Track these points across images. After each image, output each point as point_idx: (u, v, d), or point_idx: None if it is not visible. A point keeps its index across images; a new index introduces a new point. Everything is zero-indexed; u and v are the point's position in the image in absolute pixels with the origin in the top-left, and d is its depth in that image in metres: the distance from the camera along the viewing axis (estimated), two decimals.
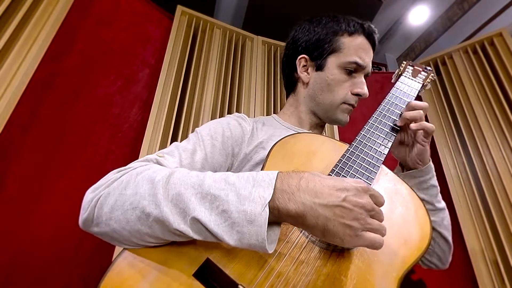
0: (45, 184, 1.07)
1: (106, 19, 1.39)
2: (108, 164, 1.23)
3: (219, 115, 1.52)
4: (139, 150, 1.26)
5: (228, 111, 1.58)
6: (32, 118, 1.09)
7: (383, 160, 0.55)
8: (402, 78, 0.70)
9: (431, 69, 0.71)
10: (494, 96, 1.46)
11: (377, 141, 0.58)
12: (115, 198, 0.43)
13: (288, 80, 0.79)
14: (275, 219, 0.39)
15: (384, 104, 0.64)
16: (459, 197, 1.41)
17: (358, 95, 0.69)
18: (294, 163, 0.54)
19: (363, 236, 0.38)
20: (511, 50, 1.46)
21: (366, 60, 0.69)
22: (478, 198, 1.36)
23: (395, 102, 0.64)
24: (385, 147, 0.57)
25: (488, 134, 1.41)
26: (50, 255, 1.02)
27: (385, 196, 0.43)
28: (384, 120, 0.62)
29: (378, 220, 0.40)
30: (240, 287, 0.39)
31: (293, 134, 0.60)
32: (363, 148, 0.57)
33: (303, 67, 0.73)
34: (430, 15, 2.34)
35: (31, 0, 1.13)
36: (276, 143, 0.57)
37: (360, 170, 0.53)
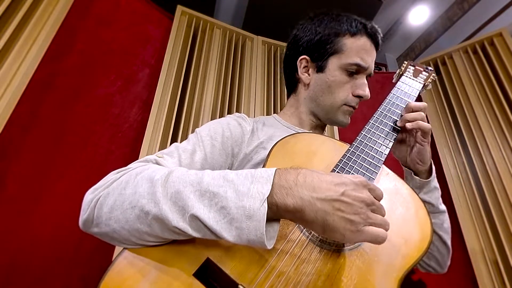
0: (45, 184, 1.07)
1: (106, 19, 1.39)
2: (108, 164, 1.23)
3: (219, 115, 1.51)
4: (139, 150, 1.25)
5: (228, 111, 1.57)
6: (32, 118, 1.09)
7: (384, 160, 0.55)
8: (403, 78, 0.69)
9: (432, 69, 0.71)
10: (494, 96, 1.46)
11: (378, 141, 0.58)
12: (115, 198, 0.43)
13: (289, 80, 0.79)
14: (274, 215, 0.39)
15: (385, 104, 0.64)
16: (459, 197, 1.41)
17: (359, 97, 0.69)
18: (294, 163, 0.54)
19: (365, 230, 0.38)
20: (511, 50, 1.46)
21: (368, 61, 0.68)
22: (478, 198, 1.36)
23: (396, 102, 0.64)
24: (386, 147, 0.57)
25: (488, 134, 1.41)
26: (50, 255, 1.02)
27: (385, 196, 0.43)
28: (385, 120, 0.61)
29: (379, 214, 0.40)
30: (240, 287, 0.39)
31: (293, 134, 0.59)
32: (364, 148, 0.56)
33: (304, 68, 0.73)
34: (430, 15, 2.34)
35: (31, 0, 1.13)
36: (277, 143, 0.57)
37: (360, 170, 0.53)
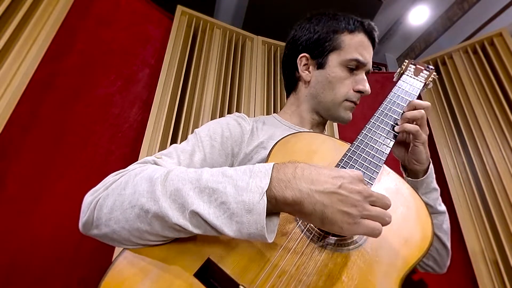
0: (45, 184, 1.07)
1: (106, 19, 1.39)
2: (108, 164, 1.22)
3: (219, 115, 1.51)
4: (139, 150, 1.25)
5: (228, 111, 1.57)
6: (32, 118, 1.09)
7: (385, 160, 0.55)
8: (404, 77, 0.69)
9: (433, 67, 0.70)
10: (494, 96, 1.46)
11: (378, 140, 0.58)
12: (114, 199, 0.43)
13: (289, 79, 0.79)
14: (273, 209, 0.39)
15: (386, 103, 0.64)
16: (459, 197, 1.41)
17: (360, 92, 0.69)
18: None
19: (362, 223, 0.38)
20: (511, 50, 1.46)
21: (366, 57, 0.69)
22: (478, 198, 1.36)
23: (397, 101, 0.64)
24: (386, 146, 0.57)
25: (488, 134, 1.41)
26: (50, 255, 1.01)
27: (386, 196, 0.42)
28: (386, 119, 0.61)
29: (381, 206, 0.40)
30: (241, 287, 0.39)
31: (294, 133, 0.59)
32: (365, 147, 0.56)
33: (304, 66, 0.73)
34: (430, 15, 2.34)
35: (31, 0, 1.13)
36: (277, 142, 0.57)
37: (361, 169, 0.53)
